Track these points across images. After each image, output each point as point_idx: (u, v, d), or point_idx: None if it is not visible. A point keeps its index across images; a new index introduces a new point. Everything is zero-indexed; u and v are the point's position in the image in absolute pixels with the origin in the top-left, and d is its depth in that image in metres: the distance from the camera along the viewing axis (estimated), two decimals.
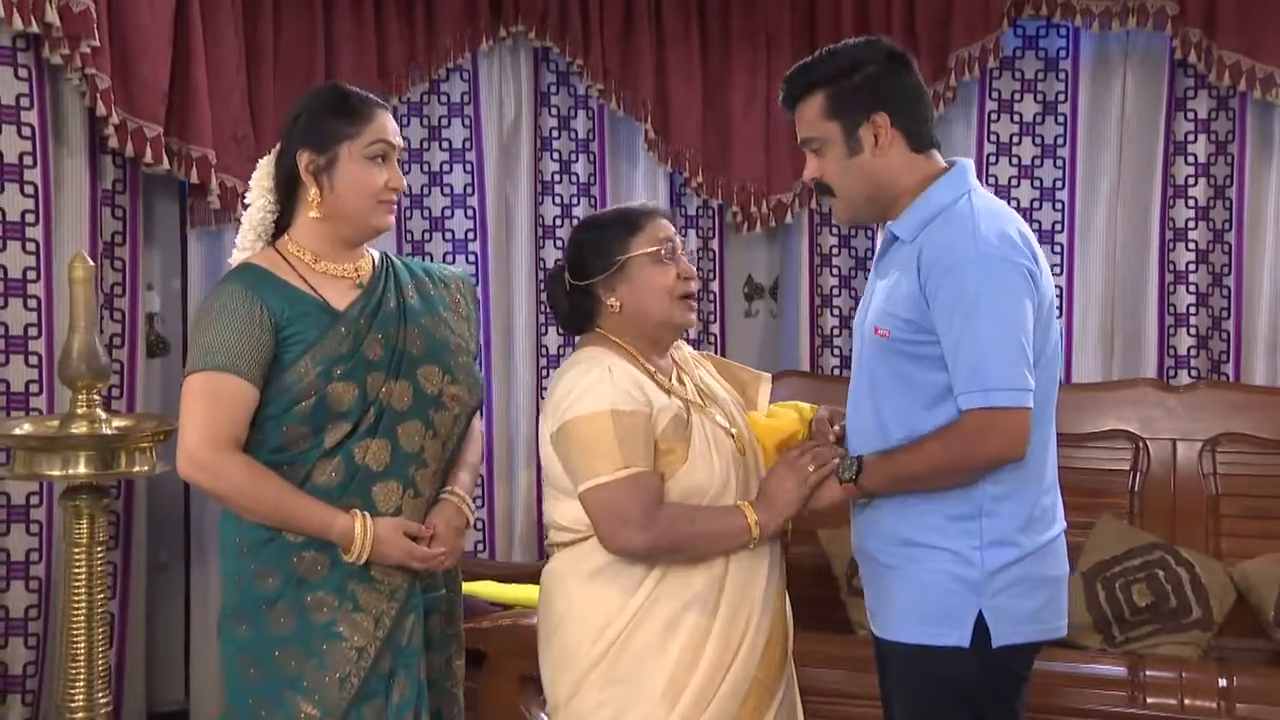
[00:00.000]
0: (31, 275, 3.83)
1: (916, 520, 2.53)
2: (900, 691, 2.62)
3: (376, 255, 2.83)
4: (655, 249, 2.68)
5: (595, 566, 2.60)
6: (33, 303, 3.83)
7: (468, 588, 3.87)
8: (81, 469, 3.45)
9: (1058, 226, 4.77)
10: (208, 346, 2.60)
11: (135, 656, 4.16)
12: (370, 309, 2.71)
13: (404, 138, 4.51)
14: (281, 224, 2.77)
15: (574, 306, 2.75)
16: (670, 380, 2.72)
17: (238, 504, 2.62)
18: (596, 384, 2.58)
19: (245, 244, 2.76)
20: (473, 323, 2.92)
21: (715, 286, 4.90)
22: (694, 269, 2.73)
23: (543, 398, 2.76)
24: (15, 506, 3.83)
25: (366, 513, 2.63)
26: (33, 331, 3.83)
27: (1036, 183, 4.78)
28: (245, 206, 2.77)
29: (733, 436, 2.70)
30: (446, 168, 4.68)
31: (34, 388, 3.84)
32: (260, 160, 2.79)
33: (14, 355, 3.82)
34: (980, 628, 2.49)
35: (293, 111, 2.77)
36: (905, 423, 2.52)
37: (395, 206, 2.75)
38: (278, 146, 2.76)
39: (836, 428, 2.70)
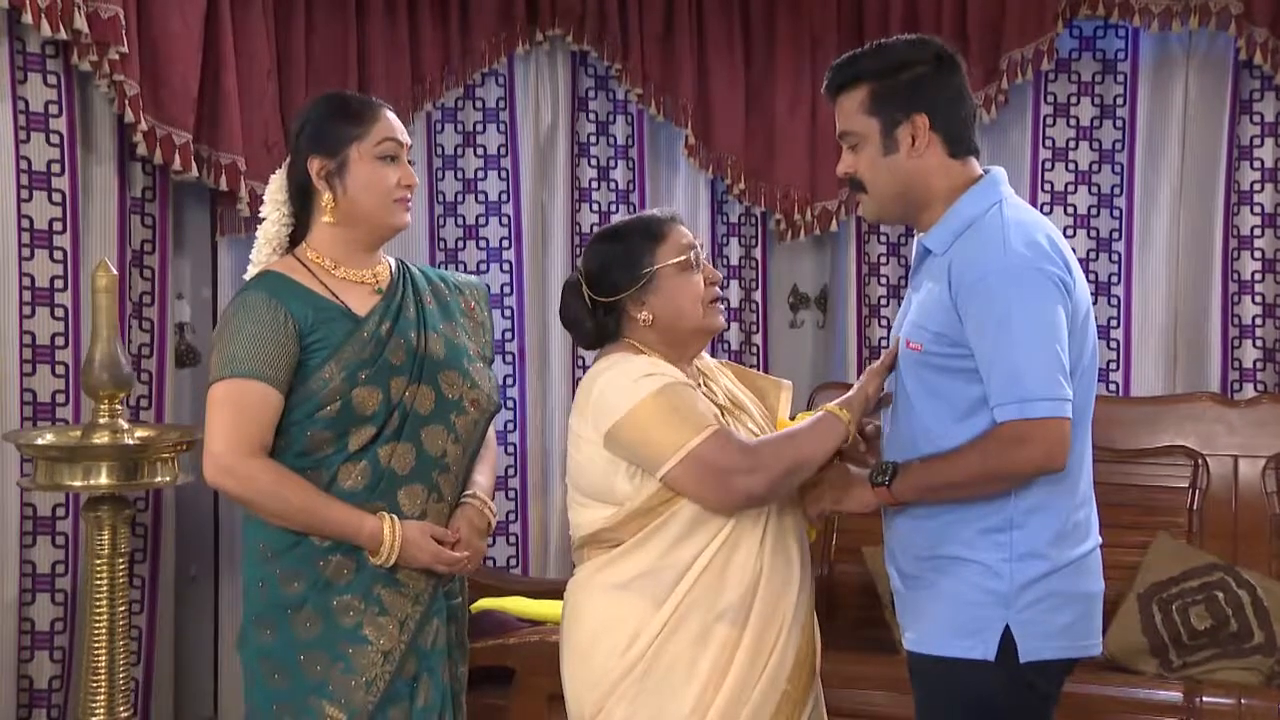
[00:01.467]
0: (59, 284, 3.90)
1: (947, 533, 2.55)
2: (924, 704, 2.64)
3: (393, 262, 2.92)
4: (682, 257, 2.70)
5: (624, 578, 2.62)
6: (60, 312, 3.91)
7: (497, 603, 3.93)
8: (103, 479, 3.52)
9: (1115, 234, 4.74)
10: (232, 354, 2.68)
11: (163, 671, 4.22)
12: (391, 314, 2.79)
13: (438, 144, 4.66)
14: (296, 237, 2.86)
15: (598, 322, 2.75)
16: (699, 386, 2.75)
17: (265, 509, 2.70)
18: (632, 376, 2.60)
19: (260, 259, 2.86)
20: (487, 329, 3.00)
21: (758, 296, 4.90)
22: (718, 273, 2.77)
23: None
24: (41, 518, 3.91)
25: (394, 515, 2.71)
26: (59, 341, 3.91)
27: (1094, 189, 4.76)
28: (260, 221, 2.87)
29: None
30: (481, 174, 4.73)
31: (60, 398, 3.91)
32: (272, 175, 2.88)
33: (41, 365, 3.89)
34: (1007, 642, 2.50)
35: (297, 122, 2.87)
36: (937, 436, 2.54)
37: (410, 204, 2.83)
38: (287, 159, 2.85)
39: (869, 428, 2.71)
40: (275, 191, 2.85)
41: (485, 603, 3.92)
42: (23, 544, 3.87)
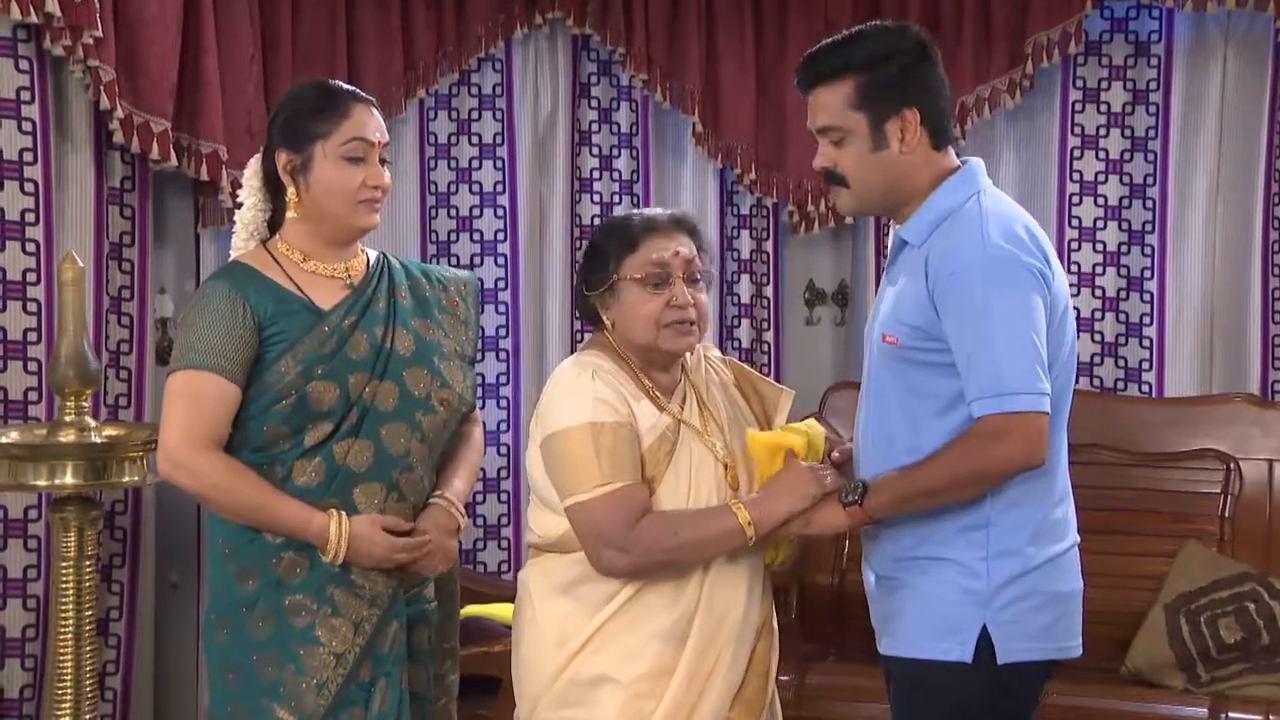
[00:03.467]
0: (31, 278, 3.92)
1: (923, 533, 2.55)
2: (902, 710, 2.65)
3: (373, 255, 2.96)
4: (644, 274, 2.68)
5: (564, 581, 2.67)
6: (32, 306, 3.92)
7: (484, 609, 3.92)
8: (69, 479, 3.54)
9: (1148, 227, 4.70)
10: (190, 345, 2.75)
11: (143, 680, 4.24)
12: (358, 309, 2.84)
13: (431, 132, 4.66)
14: (275, 223, 2.91)
15: (584, 310, 2.84)
16: (670, 396, 2.74)
17: (216, 503, 2.77)
18: (577, 394, 2.64)
19: (239, 244, 2.93)
20: (471, 327, 3.02)
21: (770, 292, 4.88)
22: (690, 295, 2.68)
23: None
24: (13, 521, 3.93)
25: (343, 512, 2.75)
26: (32, 337, 3.93)
27: (1126, 179, 4.72)
28: (239, 206, 2.94)
29: (726, 467, 2.71)
30: (476, 164, 4.73)
31: (33, 395, 3.93)
32: (251, 159, 2.93)
33: (12, 361, 3.91)
34: (985, 643, 2.50)
35: (273, 110, 2.92)
36: (913, 433, 2.54)
37: (378, 205, 2.85)
38: (264, 145, 2.90)
39: (835, 453, 2.72)
40: (251, 177, 2.91)
41: (471, 609, 3.91)
42: None
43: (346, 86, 2.92)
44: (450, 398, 2.89)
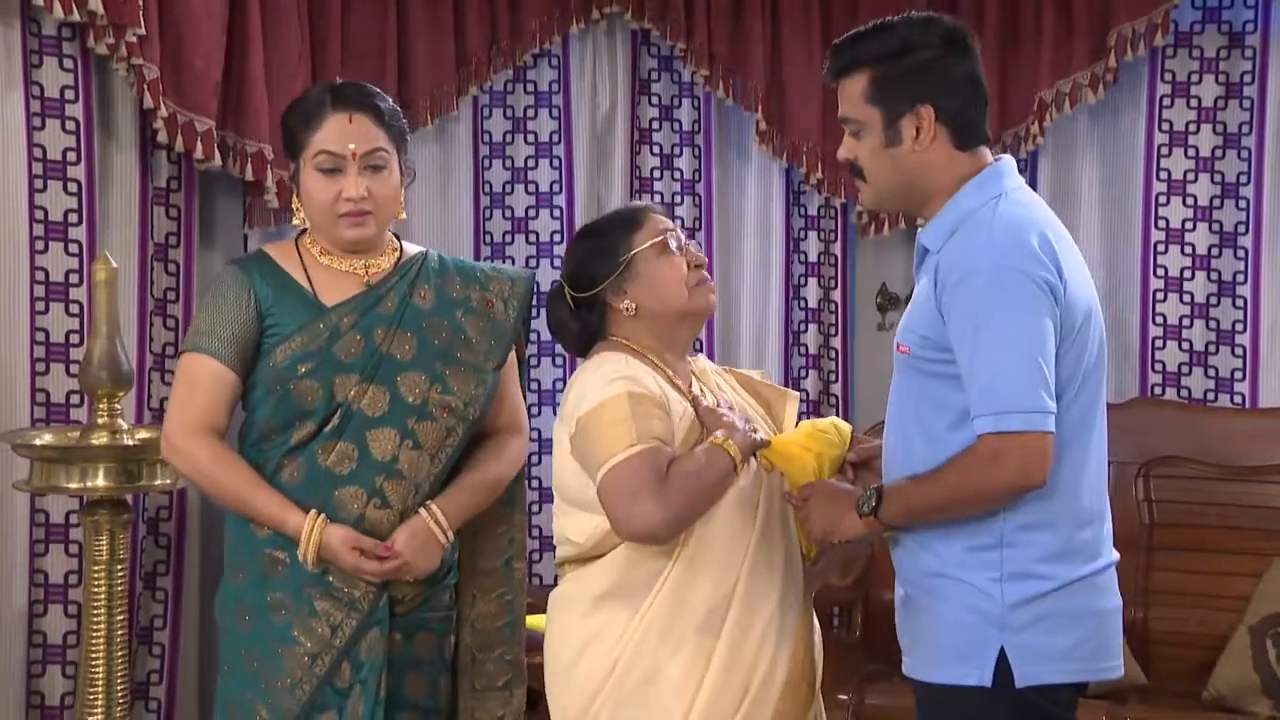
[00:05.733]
0: (74, 279, 4.01)
1: (941, 551, 2.55)
2: None
3: (412, 252, 3.00)
4: (659, 239, 2.77)
5: (605, 586, 2.69)
6: (74, 308, 4.01)
7: (531, 620, 3.93)
8: (100, 481, 3.62)
9: (1241, 228, 4.64)
10: (196, 327, 2.91)
11: (187, 691, 4.31)
12: (361, 308, 2.89)
13: (485, 130, 4.69)
14: None
15: (584, 323, 2.83)
16: (690, 388, 2.79)
17: (203, 490, 2.97)
18: (611, 375, 2.67)
19: None
20: (508, 329, 3.02)
21: (837, 296, 4.87)
22: (702, 255, 2.83)
23: None
24: (54, 525, 4.02)
25: (324, 515, 2.81)
26: (74, 339, 4.01)
27: (1217, 177, 4.66)
28: (289, 209, 3.11)
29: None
30: (531, 163, 4.77)
31: (75, 399, 4.02)
32: None
33: (55, 364, 4.00)
34: (1004, 666, 2.48)
35: None
36: (930, 445, 2.53)
37: (362, 219, 2.88)
38: None
39: (852, 453, 2.76)
40: None
41: None
42: (34, 552, 3.98)
43: (336, 91, 2.93)
44: (453, 404, 2.90)
